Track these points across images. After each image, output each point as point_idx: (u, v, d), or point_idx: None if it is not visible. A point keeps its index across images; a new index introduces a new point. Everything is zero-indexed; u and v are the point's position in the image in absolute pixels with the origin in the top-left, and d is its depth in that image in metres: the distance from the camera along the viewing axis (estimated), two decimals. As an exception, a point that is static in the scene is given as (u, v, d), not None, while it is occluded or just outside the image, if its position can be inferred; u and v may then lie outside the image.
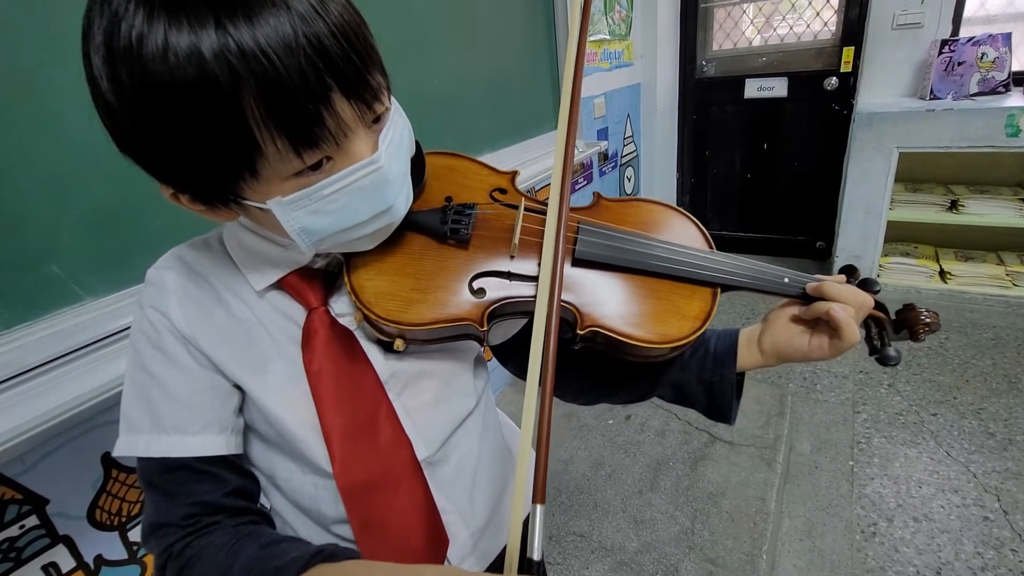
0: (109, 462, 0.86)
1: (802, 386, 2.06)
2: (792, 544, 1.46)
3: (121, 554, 0.89)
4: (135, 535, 0.91)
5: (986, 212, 2.37)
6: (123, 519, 0.89)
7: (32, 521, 0.78)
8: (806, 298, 0.55)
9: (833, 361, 2.19)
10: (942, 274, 2.55)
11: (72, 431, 0.78)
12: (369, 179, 0.42)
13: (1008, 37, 2.21)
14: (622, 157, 2.79)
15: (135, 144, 0.38)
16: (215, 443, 0.47)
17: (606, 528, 1.51)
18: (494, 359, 0.67)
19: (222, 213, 0.44)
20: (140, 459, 0.47)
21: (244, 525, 0.48)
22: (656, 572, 1.37)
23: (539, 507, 0.40)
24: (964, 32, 2.38)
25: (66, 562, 0.82)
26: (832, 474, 1.67)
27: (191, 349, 0.47)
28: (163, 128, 0.36)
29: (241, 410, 0.50)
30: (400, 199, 0.46)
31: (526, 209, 0.54)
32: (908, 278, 2.60)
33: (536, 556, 0.38)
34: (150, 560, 0.93)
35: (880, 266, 2.62)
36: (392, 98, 0.45)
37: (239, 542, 0.45)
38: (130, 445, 0.46)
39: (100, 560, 0.86)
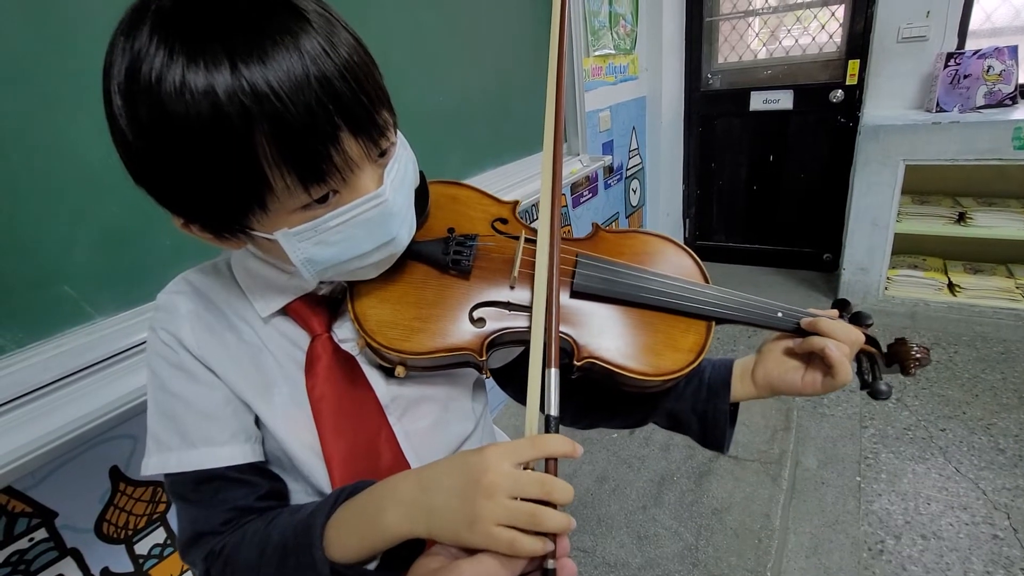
0: (116, 476, 0.87)
1: (808, 400, 2.05)
2: (798, 561, 1.45)
3: (127, 567, 0.90)
4: (141, 548, 0.92)
5: (994, 224, 2.35)
6: (129, 532, 0.90)
7: (41, 534, 0.79)
8: (800, 332, 0.56)
9: (840, 375, 2.17)
10: (951, 287, 2.53)
11: (81, 445, 0.80)
12: (374, 212, 0.43)
13: (1014, 50, 2.21)
14: (627, 170, 2.81)
15: (150, 177, 0.40)
16: (243, 451, 0.49)
17: (609, 544, 1.50)
18: (493, 379, 0.69)
19: (230, 242, 0.45)
20: (170, 475, 0.49)
21: (274, 511, 0.50)
22: (660, 589, 1.37)
23: (553, 370, 0.44)
24: (970, 45, 2.38)
25: (74, 575, 0.83)
26: (839, 490, 1.65)
27: (206, 367, 0.49)
28: (177, 162, 0.37)
29: (257, 426, 0.52)
30: (403, 231, 0.47)
31: (526, 240, 0.56)
32: (916, 291, 2.58)
33: (553, 412, 0.42)
34: (156, 572, 0.94)
35: (888, 278, 2.61)
36: (398, 132, 0.47)
37: (272, 520, 0.47)
38: (162, 463, 0.48)
39: (107, 573, 0.87)
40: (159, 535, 0.94)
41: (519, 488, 0.37)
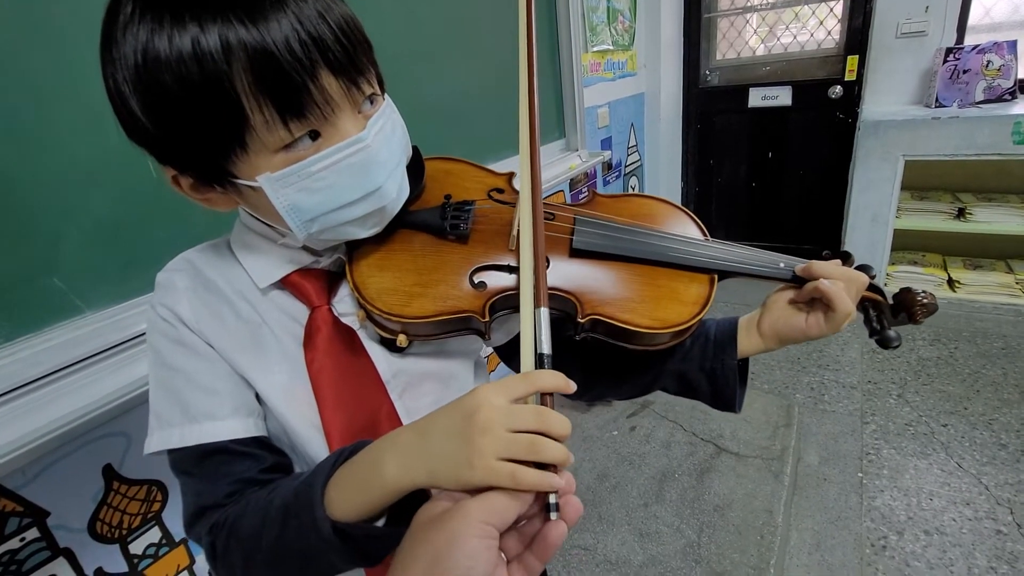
0: (110, 474, 0.86)
1: (809, 397, 2.04)
2: (800, 558, 1.44)
3: (121, 567, 0.89)
4: (136, 548, 0.90)
5: (994, 220, 2.35)
6: (124, 532, 0.89)
7: (33, 534, 0.77)
8: (801, 281, 0.57)
9: (840, 371, 2.17)
10: (950, 283, 2.53)
11: (73, 443, 0.78)
12: (357, 157, 0.43)
13: (1013, 45, 2.21)
14: (626, 167, 2.80)
15: (140, 124, 0.40)
16: (246, 425, 0.48)
17: (611, 541, 1.49)
18: (496, 370, 0.67)
19: (220, 200, 0.46)
20: (173, 451, 0.48)
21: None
22: (662, 586, 1.36)
23: (543, 310, 0.43)
24: (969, 40, 2.38)
25: (66, 575, 0.82)
26: (841, 486, 1.64)
27: (205, 342, 0.48)
28: (165, 107, 0.38)
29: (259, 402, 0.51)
30: (390, 184, 0.47)
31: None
32: (916, 287, 2.57)
33: (546, 351, 0.42)
34: (151, 572, 0.93)
35: (887, 275, 2.60)
36: (387, 96, 0.47)
37: (274, 487, 0.46)
38: (164, 439, 0.47)
39: (100, 573, 0.86)
40: (154, 534, 0.93)
41: (515, 420, 0.36)
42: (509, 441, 0.36)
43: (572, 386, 0.39)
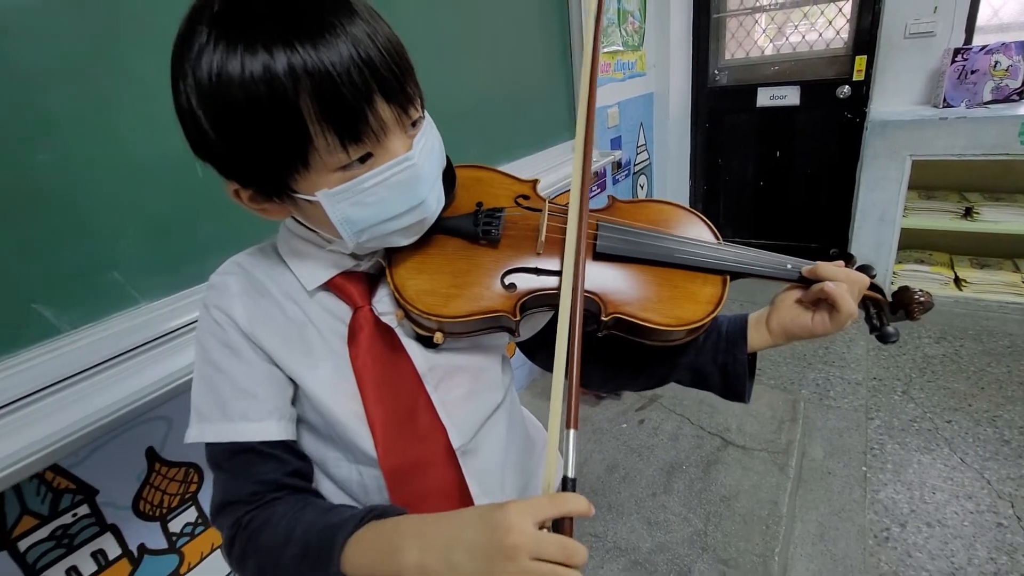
0: (152, 456, 0.91)
1: (815, 392, 2.08)
2: (804, 547, 1.48)
3: (162, 544, 0.94)
4: (174, 526, 0.96)
5: (1001, 219, 2.37)
6: (164, 511, 0.94)
7: (84, 510, 0.83)
8: (807, 281, 0.60)
9: (846, 367, 2.20)
10: (957, 281, 2.55)
11: (121, 426, 0.83)
12: (404, 174, 0.47)
13: (1022, 45, 2.22)
14: (635, 166, 2.83)
15: (210, 144, 0.44)
16: (276, 429, 0.52)
17: (620, 529, 1.53)
18: (517, 356, 0.72)
19: (275, 210, 0.50)
20: (209, 444, 0.52)
21: (304, 497, 0.54)
22: (669, 572, 1.40)
23: (572, 432, 0.45)
24: (977, 40, 2.39)
25: (113, 549, 0.87)
26: (845, 480, 1.68)
27: (253, 345, 0.52)
28: (234, 125, 0.42)
29: (294, 403, 0.55)
30: (432, 197, 0.51)
31: (549, 211, 0.60)
32: (922, 285, 2.59)
33: (571, 474, 0.44)
34: (188, 550, 0.98)
35: (894, 273, 2.63)
36: (426, 113, 0.51)
37: (300, 510, 0.50)
38: (201, 432, 0.52)
39: (143, 549, 0.91)
40: (191, 514, 0.98)
41: (541, 550, 0.39)
42: (532, 571, 0.39)
43: (592, 510, 0.42)
